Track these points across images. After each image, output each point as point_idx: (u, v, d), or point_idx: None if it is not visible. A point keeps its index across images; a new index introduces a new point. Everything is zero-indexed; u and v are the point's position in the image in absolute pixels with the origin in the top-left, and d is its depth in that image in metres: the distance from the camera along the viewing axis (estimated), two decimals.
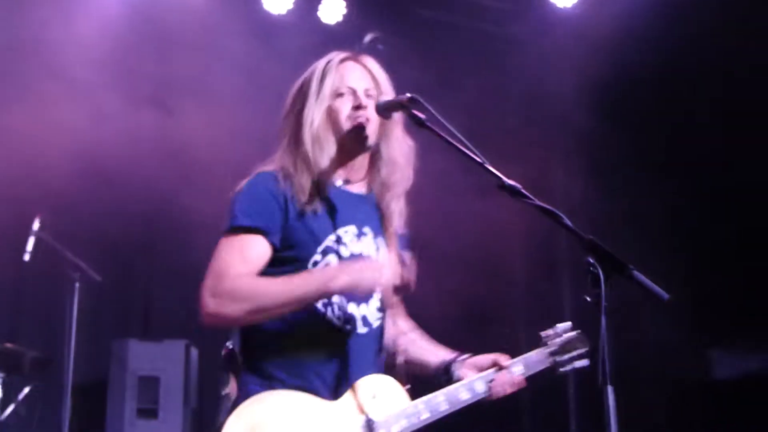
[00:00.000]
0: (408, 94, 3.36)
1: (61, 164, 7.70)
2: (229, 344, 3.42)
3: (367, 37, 3.56)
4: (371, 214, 3.50)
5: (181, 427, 7.71)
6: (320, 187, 3.36)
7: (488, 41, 9.13)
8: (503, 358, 3.58)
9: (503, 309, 8.98)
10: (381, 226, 3.51)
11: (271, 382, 3.27)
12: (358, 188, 3.52)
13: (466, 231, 8.21)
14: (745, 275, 7.64)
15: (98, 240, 8.19)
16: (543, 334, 3.79)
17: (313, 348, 3.30)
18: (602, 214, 8.25)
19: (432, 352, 3.67)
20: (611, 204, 8.21)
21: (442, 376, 3.58)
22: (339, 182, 3.47)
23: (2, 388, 6.95)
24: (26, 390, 7.27)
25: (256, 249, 3.27)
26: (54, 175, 7.70)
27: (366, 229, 3.45)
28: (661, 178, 8.22)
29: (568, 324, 3.84)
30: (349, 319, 3.34)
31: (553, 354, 3.74)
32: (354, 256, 3.37)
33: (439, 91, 3.61)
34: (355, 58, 3.52)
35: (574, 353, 3.79)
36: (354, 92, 3.44)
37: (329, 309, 3.30)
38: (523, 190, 3.09)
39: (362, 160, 3.51)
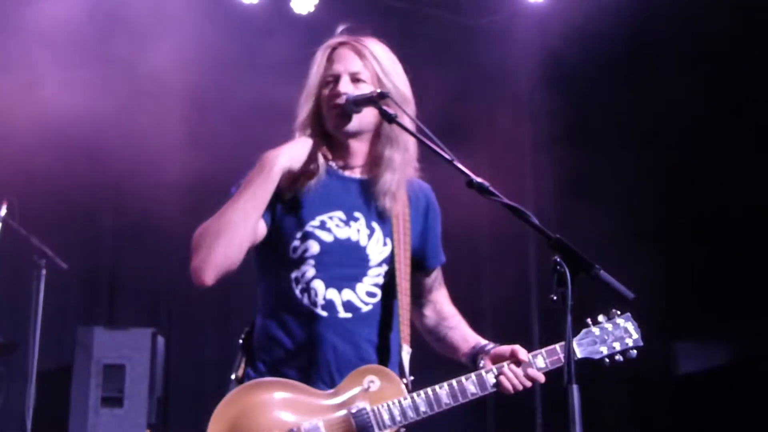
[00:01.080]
0: (378, 90, 3.36)
1: (28, 150, 7.66)
2: (247, 328, 3.46)
3: (339, 29, 3.56)
4: (367, 197, 3.44)
5: (146, 416, 7.67)
6: (310, 176, 3.35)
7: (459, 32, 9.14)
8: (522, 351, 3.45)
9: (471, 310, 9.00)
10: (377, 209, 3.45)
11: (265, 370, 3.29)
12: (357, 173, 3.49)
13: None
14: (707, 266, 7.68)
15: (65, 226, 8.15)
16: (589, 320, 3.57)
17: (297, 335, 3.31)
18: (567, 204, 8.30)
19: (465, 341, 3.60)
20: (577, 194, 8.24)
21: (470, 365, 3.51)
22: (335, 168, 3.47)
23: None
24: None
25: None
26: (21, 161, 7.66)
27: (357, 214, 3.41)
28: (627, 167, 8.27)
29: (617, 311, 3.63)
30: (329, 305, 3.32)
31: (585, 345, 3.51)
32: (338, 241, 3.35)
33: (411, 83, 3.57)
34: (348, 42, 3.48)
35: (622, 342, 3.57)
36: (337, 78, 3.41)
37: (305, 295, 3.31)
38: (491, 188, 3.10)
39: (358, 146, 3.49)
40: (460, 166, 3.16)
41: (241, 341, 3.43)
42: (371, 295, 3.40)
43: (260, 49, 8.33)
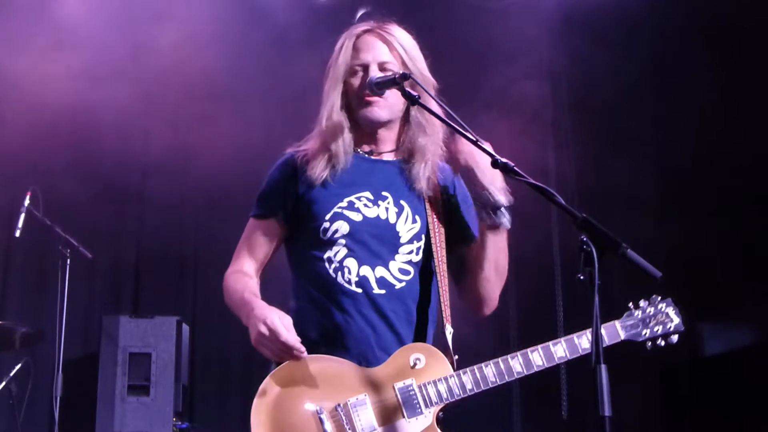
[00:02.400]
0: (401, 71, 3.35)
1: (52, 139, 7.69)
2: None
3: (359, 14, 3.56)
4: (395, 178, 3.50)
5: (173, 404, 7.69)
6: (334, 159, 3.43)
7: (480, 14, 9.09)
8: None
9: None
10: (408, 189, 3.50)
11: (308, 347, 3.27)
12: (385, 157, 3.55)
13: None
14: (733, 247, 7.64)
15: (89, 215, 8.18)
16: (631, 305, 3.59)
17: (333, 313, 3.37)
18: (591, 184, 8.26)
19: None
20: (599, 174, 8.20)
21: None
22: (362, 153, 3.54)
23: None
24: (18, 366, 7.25)
25: (265, 234, 3.53)
26: (45, 151, 7.69)
27: (385, 193, 3.47)
28: (651, 149, 8.22)
29: (658, 297, 3.62)
30: (363, 281, 3.38)
31: (628, 327, 3.52)
32: (367, 220, 3.41)
33: (433, 66, 3.57)
34: (373, 30, 3.51)
35: (664, 326, 3.57)
36: (366, 68, 3.44)
37: (339, 274, 3.38)
38: (515, 168, 3.09)
39: (387, 134, 3.56)
40: (484, 145, 3.16)
41: None
42: (404, 272, 3.43)
43: (283, 37, 8.31)
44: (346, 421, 3.20)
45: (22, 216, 7.09)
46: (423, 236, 3.47)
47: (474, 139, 3.16)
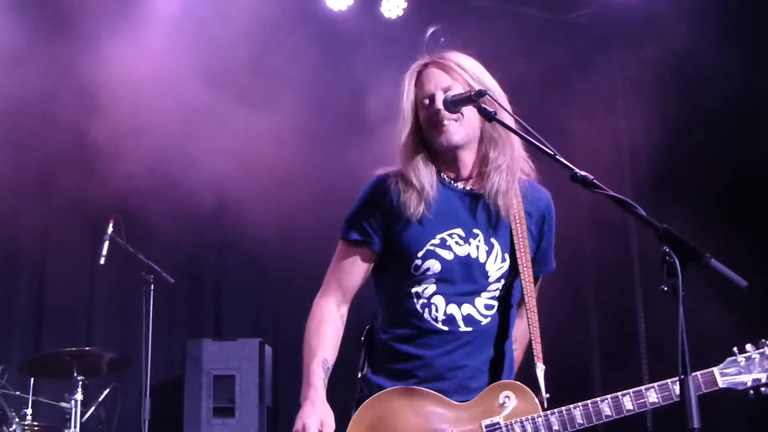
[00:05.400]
0: (477, 88, 3.36)
1: (132, 168, 7.81)
2: (368, 326, 3.61)
3: (429, 31, 3.56)
4: (485, 212, 3.49)
5: (258, 426, 7.77)
6: (425, 194, 3.41)
7: (548, 27, 9.07)
8: None
9: (576, 323, 8.92)
10: (497, 223, 3.49)
11: (393, 380, 3.38)
12: (470, 184, 3.52)
13: None
14: None
15: (170, 241, 8.31)
16: (735, 349, 3.46)
17: (420, 348, 3.40)
18: (666, 190, 8.15)
19: None
20: (675, 180, 8.10)
21: None
22: (447, 180, 3.51)
23: (82, 390, 7.05)
24: (106, 391, 7.36)
25: (355, 262, 3.51)
26: (127, 179, 7.80)
27: (477, 231, 3.46)
28: (725, 156, 8.09)
29: (766, 341, 3.47)
30: (450, 319, 3.40)
31: (726, 375, 3.41)
32: (458, 259, 3.41)
33: (503, 80, 3.56)
34: (432, 61, 3.51)
35: (766, 375, 3.43)
36: (432, 98, 3.44)
37: (426, 310, 3.41)
38: (595, 181, 3.06)
39: (468, 155, 3.52)
40: (562, 160, 3.13)
41: (362, 339, 3.57)
42: (489, 308, 3.46)
43: (353, 54, 8.39)
44: None
45: (106, 244, 7.23)
46: (510, 273, 3.48)
47: (552, 153, 3.15)
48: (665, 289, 2.81)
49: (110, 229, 7.24)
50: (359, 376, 3.47)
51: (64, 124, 7.84)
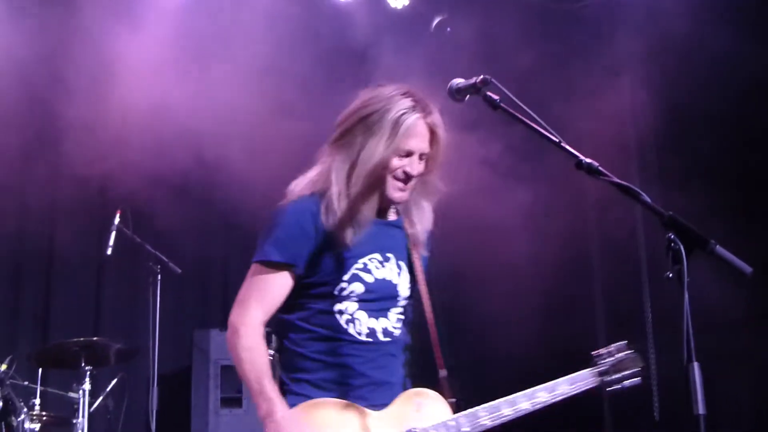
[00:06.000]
0: (481, 76, 3.36)
1: (138, 157, 7.83)
2: (271, 352, 3.65)
3: (435, 22, 3.56)
4: (397, 238, 3.72)
5: None
6: (354, 221, 3.52)
7: (555, 17, 9.07)
8: None
9: (582, 309, 8.93)
10: (405, 249, 3.73)
11: (312, 391, 3.50)
12: (389, 216, 3.72)
13: (546, 231, 8.21)
14: None
15: (177, 232, 8.33)
16: (595, 353, 3.90)
17: (344, 359, 3.55)
18: (673, 176, 8.15)
19: None
20: (682, 164, 8.10)
21: None
22: (372, 214, 3.62)
23: (90, 380, 7.08)
24: (113, 382, 7.39)
25: (279, 284, 3.55)
26: (133, 169, 7.82)
27: (389, 255, 3.66)
28: (733, 139, 8.08)
29: (622, 343, 3.94)
30: (371, 332, 3.58)
31: (602, 374, 3.87)
32: (377, 281, 3.59)
33: (504, 71, 3.57)
34: (425, 118, 3.56)
35: (626, 372, 3.89)
36: (410, 156, 3.54)
37: (351, 325, 3.55)
38: (600, 168, 3.07)
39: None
40: (567, 147, 3.14)
41: (273, 353, 3.67)
42: (399, 321, 3.69)
43: (362, 45, 8.40)
44: None
45: (113, 234, 7.23)
46: (413, 290, 3.74)
47: (557, 141, 3.15)
48: (670, 275, 2.83)
49: (117, 220, 7.26)
50: None
51: (70, 114, 7.86)
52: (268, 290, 3.55)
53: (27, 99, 7.92)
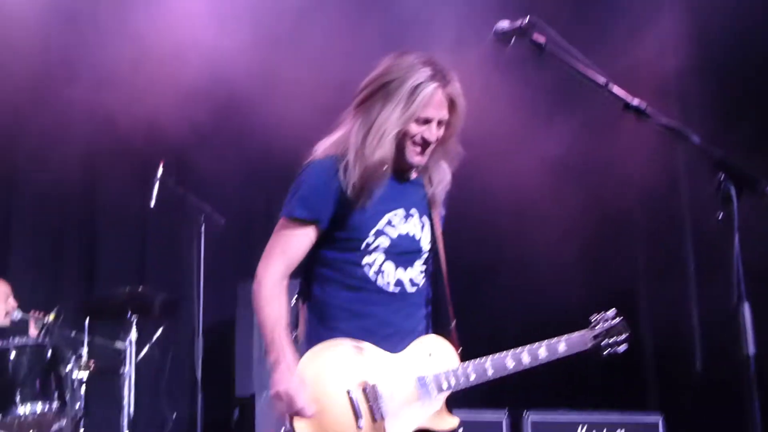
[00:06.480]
0: (527, 17, 3.33)
1: (183, 110, 7.84)
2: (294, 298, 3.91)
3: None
4: (419, 196, 3.89)
5: None
6: (374, 180, 3.69)
7: None
8: None
9: (622, 262, 8.88)
10: (426, 206, 3.90)
11: (337, 333, 3.69)
12: (411, 176, 3.87)
13: (587, 184, 8.15)
14: None
15: (220, 182, 8.37)
16: (592, 318, 4.06)
17: (372, 309, 3.75)
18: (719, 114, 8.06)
19: None
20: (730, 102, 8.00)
21: None
22: (394, 175, 3.81)
23: (136, 330, 7.18)
24: (158, 332, 7.48)
25: (301, 239, 3.74)
26: (176, 119, 7.83)
27: (413, 211, 3.84)
28: None
29: (613, 311, 4.11)
30: (398, 282, 3.77)
31: (596, 337, 4.02)
32: (401, 236, 3.79)
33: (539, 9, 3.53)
34: (443, 87, 3.68)
35: (618, 338, 4.04)
36: (428, 123, 3.69)
37: (379, 276, 3.75)
38: (648, 110, 3.05)
39: None
40: (615, 89, 3.12)
41: (302, 303, 3.90)
42: (422, 273, 3.87)
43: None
44: (372, 399, 3.61)
45: (156, 186, 7.26)
46: (433, 245, 3.92)
47: (605, 83, 3.13)
48: (720, 217, 2.81)
49: (160, 172, 7.28)
50: (295, 336, 3.78)
51: (112, 67, 7.90)
52: (291, 244, 3.73)
53: (66, 47, 7.96)
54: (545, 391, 7.51)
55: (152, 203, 7.26)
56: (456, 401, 3.84)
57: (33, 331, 6.98)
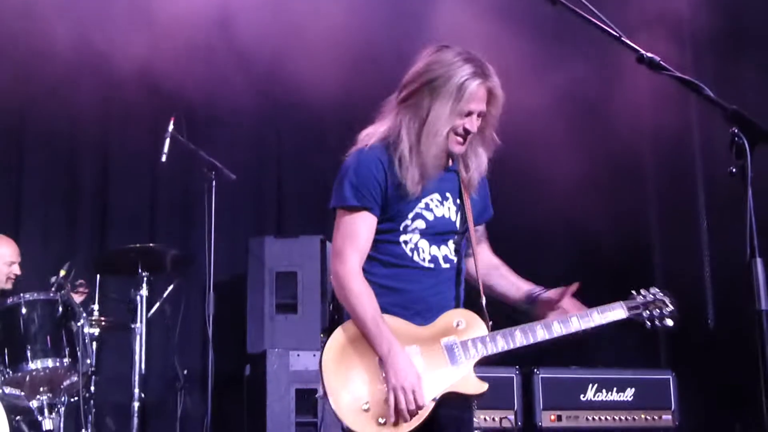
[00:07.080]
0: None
1: (191, 64, 7.81)
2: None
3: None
4: (454, 181, 4.09)
5: (320, 321, 7.84)
6: (424, 173, 3.92)
7: None
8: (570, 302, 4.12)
9: (635, 217, 8.87)
10: (459, 190, 4.09)
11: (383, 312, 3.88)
12: (448, 162, 4.07)
13: (599, 137, 8.12)
14: None
15: (231, 138, 8.35)
16: (634, 291, 4.18)
17: (408, 285, 3.96)
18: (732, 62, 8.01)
19: (517, 288, 4.28)
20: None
21: (525, 307, 4.23)
22: (439, 167, 4.02)
23: (147, 286, 7.19)
24: (170, 288, 7.49)
25: (364, 226, 3.93)
26: (186, 76, 7.81)
27: (448, 194, 4.06)
28: None
29: (656, 288, 4.21)
30: (433, 259, 3.99)
31: (631, 309, 4.11)
32: (437, 219, 4.00)
33: None
34: (485, 82, 3.90)
35: (663, 311, 4.13)
36: (470, 115, 3.91)
37: (415, 253, 3.97)
38: (662, 62, 3.03)
39: None
40: (628, 41, 3.10)
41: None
42: (455, 251, 4.08)
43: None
44: None
45: (167, 141, 7.22)
46: (465, 227, 4.11)
47: (618, 35, 3.10)
48: (734, 171, 2.79)
49: (171, 127, 7.24)
50: (331, 308, 3.86)
51: (123, 23, 7.86)
52: (357, 233, 3.91)
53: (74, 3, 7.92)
54: (556, 349, 7.51)
55: (163, 158, 7.22)
56: None
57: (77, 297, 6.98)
